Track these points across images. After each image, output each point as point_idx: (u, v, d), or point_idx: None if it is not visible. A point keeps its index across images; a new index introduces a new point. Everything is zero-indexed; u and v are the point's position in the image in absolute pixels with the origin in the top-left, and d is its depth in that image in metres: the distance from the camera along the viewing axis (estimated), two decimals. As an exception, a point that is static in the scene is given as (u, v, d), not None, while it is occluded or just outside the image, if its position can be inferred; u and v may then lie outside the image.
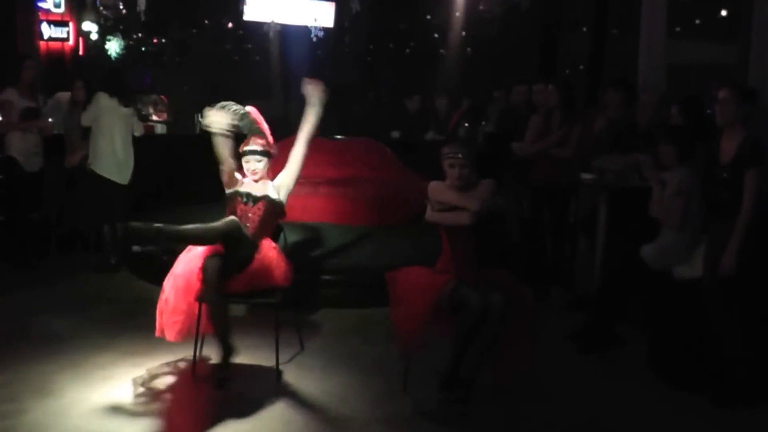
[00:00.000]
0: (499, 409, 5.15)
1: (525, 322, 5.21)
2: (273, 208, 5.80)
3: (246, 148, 5.83)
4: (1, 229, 8.54)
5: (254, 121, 5.83)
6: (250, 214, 5.72)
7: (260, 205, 5.74)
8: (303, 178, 6.07)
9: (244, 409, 5.02)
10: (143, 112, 13.24)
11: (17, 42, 13.18)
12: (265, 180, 5.87)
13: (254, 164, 5.80)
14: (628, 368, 5.93)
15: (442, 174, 5.25)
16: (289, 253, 5.94)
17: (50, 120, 8.68)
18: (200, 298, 5.37)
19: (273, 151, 5.90)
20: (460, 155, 5.15)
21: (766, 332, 5.56)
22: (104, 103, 8.22)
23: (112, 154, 8.21)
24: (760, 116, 6.21)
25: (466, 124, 9.82)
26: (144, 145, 8.72)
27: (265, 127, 5.89)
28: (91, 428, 4.66)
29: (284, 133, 6.59)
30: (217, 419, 4.88)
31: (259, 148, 5.79)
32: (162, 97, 14.31)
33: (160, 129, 12.65)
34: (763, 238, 5.22)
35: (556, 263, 7.85)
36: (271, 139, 5.88)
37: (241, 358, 5.83)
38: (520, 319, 5.14)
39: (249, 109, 5.87)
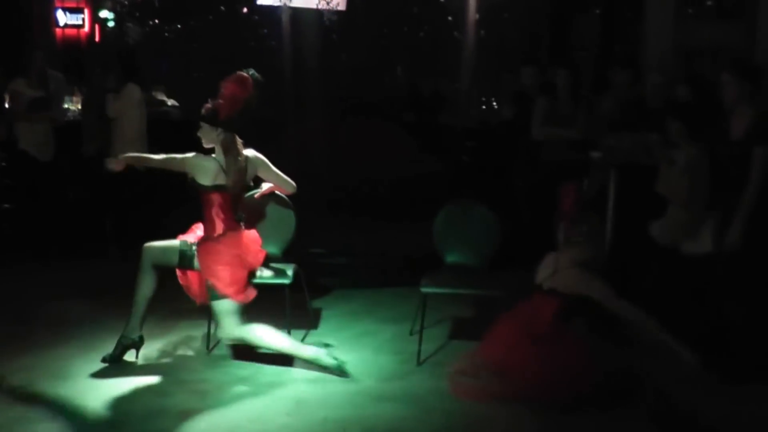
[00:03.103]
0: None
1: None
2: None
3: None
4: (19, 219, 8.60)
5: None
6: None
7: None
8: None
9: (258, 388, 5.11)
10: (158, 98, 13.36)
11: (34, 30, 13.31)
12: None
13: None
14: (637, 345, 5.95)
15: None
16: (301, 235, 5.96)
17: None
18: None
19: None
20: None
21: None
22: (137, 96, 8.32)
23: (139, 142, 8.21)
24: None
25: None
26: (157, 130, 8.74)
27: None
28: (107, 411, 4.75)
29: (296, 116, 6.59)
30: (232, 398, 4.97)
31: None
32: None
33: (174, 115, 12.74)
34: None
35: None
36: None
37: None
38: None
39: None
